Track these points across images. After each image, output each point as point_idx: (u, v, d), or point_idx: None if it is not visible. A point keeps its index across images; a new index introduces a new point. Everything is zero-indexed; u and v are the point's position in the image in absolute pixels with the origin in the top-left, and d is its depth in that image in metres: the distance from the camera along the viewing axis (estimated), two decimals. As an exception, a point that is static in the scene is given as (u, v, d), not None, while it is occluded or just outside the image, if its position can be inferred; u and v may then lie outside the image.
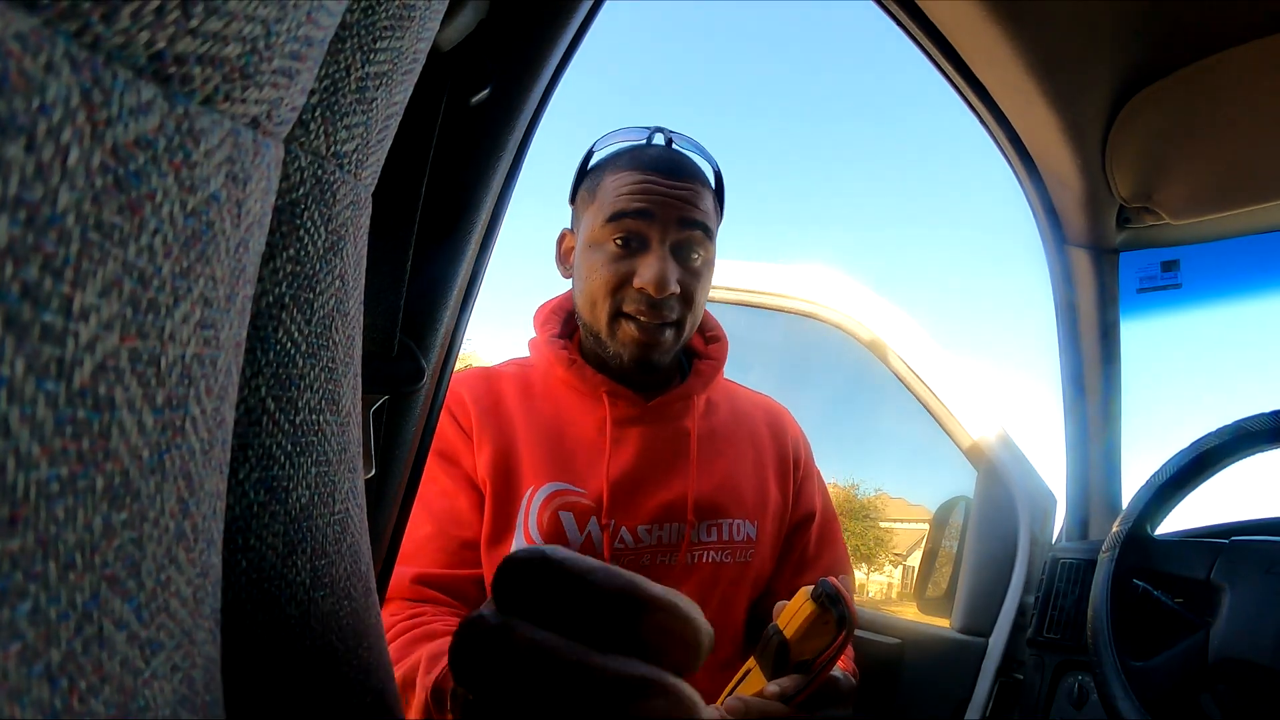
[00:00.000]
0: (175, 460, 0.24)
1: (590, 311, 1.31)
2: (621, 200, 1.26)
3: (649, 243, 1.26)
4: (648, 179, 1.27)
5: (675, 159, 1.32)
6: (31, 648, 0.18)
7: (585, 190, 1.35)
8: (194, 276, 0.23)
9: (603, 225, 1.27)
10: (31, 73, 0.17)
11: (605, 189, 1.29)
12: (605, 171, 1.32)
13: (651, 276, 1.23)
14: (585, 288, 1.31)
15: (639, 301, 1.26)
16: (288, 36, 0.26)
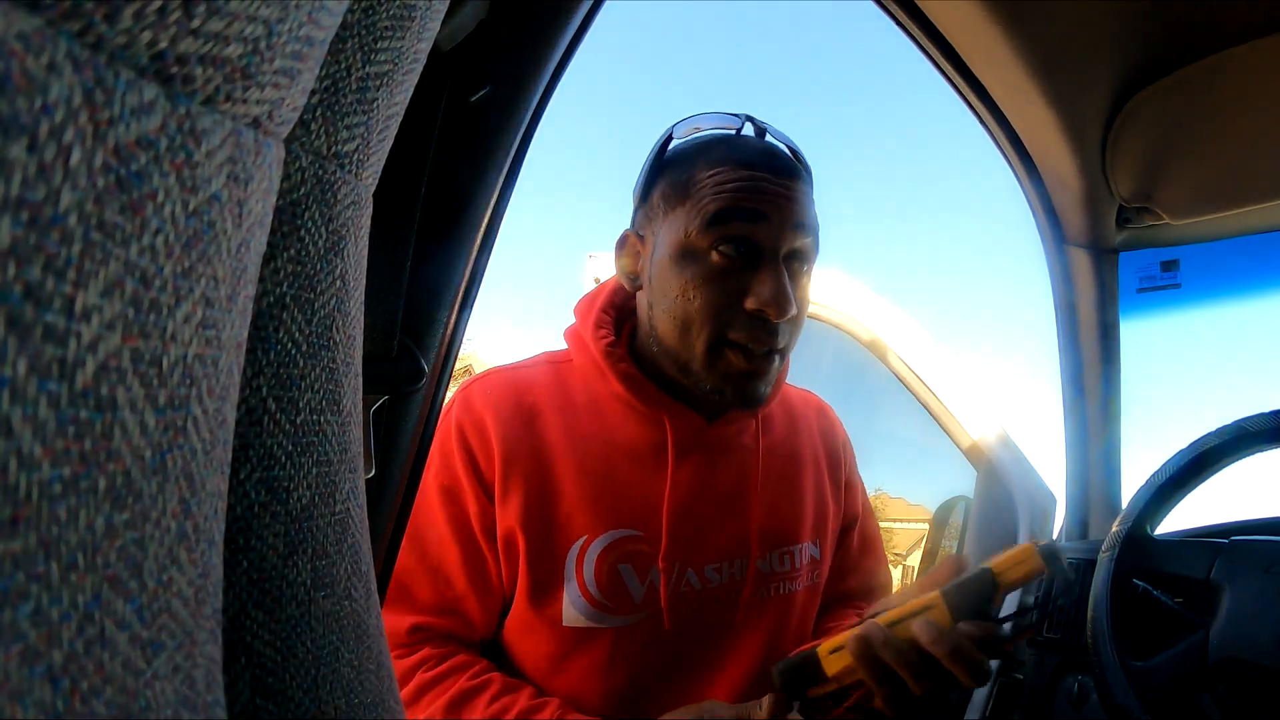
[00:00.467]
0: (177, 460, 0.24)
1: (681, 337, 1.08)
2: (727, 199, 1.04)
3: (761, 253, 1.05)
4: (757, 175, 1.06)
5: (780, 154, 1.11)
6: (33, 648, 0.18)
7: (667, 185, 1.12)
8: (196, 276, 0.23)
9: (702, 229, 1.05)
10: (34, 73, 0.17)
11: (700, 185, 1.07)
12: (695, 165, 1.09)
13: (771, 296, 1.02)
14: (675, 309, 1.07)
15: (750, 327, 1.05)
16: (289, 37, 0.26)
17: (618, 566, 1.10)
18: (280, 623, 0.38)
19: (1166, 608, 1.31)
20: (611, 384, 1.16)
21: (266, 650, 0.38)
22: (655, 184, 1.14)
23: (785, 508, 1.23)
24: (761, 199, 1.05)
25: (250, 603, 0.37)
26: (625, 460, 1.15)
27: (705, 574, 1.14)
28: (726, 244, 1.04)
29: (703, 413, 1.18)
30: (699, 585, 1.14)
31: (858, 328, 2.14)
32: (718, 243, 1.04)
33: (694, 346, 1.07)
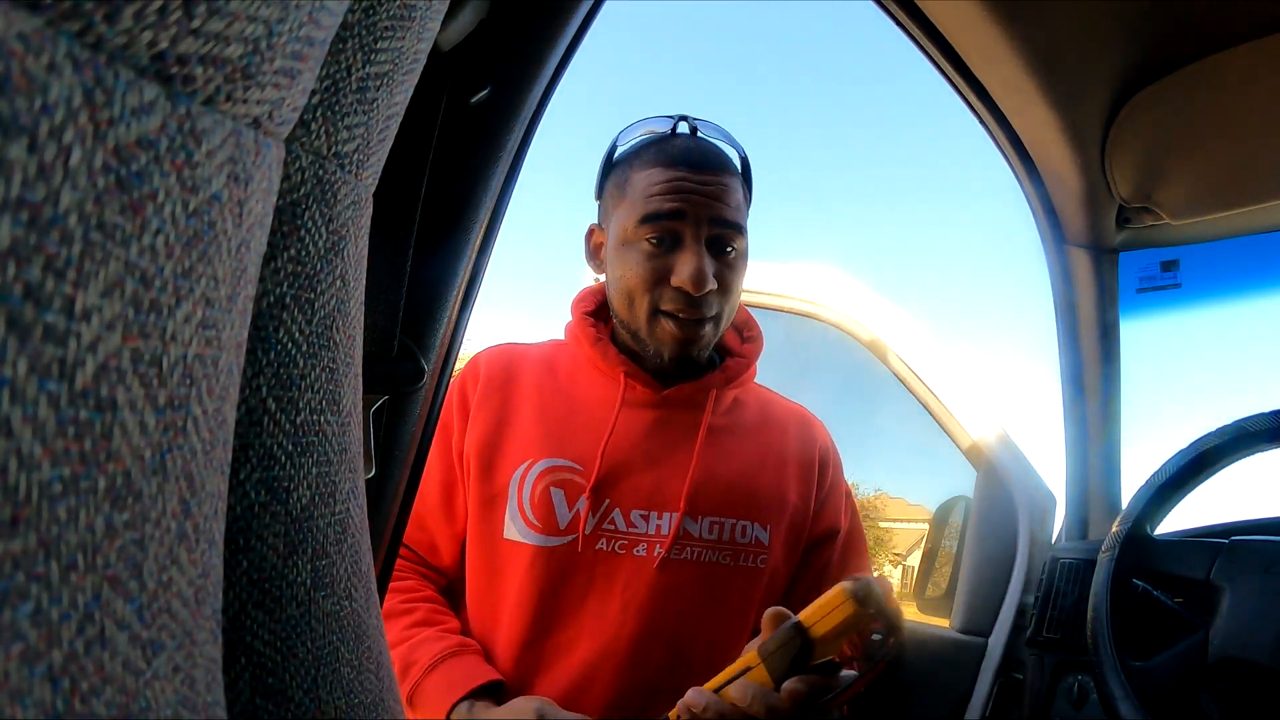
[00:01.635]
0: (177, 461, 0.24)
1: (627, 310, 1.29)
2: (654, 201, 1.24)
3: (683, 240, 1.24)
4: (678, 176, 1.24)
5: (704, 151, 1.29)
6: (34, 649, 0.18)
7: (613, 185, 1.34)
8: (196, 277, 0.23)
9: (635, 225, 1.25)
10: (34, 73, 0.17)
11: (635, 186, 1.27)
12: (632, 166, 1.30)
13: (689, 274, 1.21)
14: (621, 286, 1.29)
15: (677, 300, 1.24)
16: (289, 37, 0.26)
17: (550, 489, 1.26)
18: (280, 623, 0.38)
19: (1166, 608, 1.31)
20: (583, 347, 1.37)
21: (266, 650, 0.38)
22: (605, 184, 1.37)
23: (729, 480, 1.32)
24: (680, 196, 1.23)
25: (250, 603, 0.37)
26: (582, 409, 1.33)
27: (630, 517, 1.27)
28: (653, 235, 1.24)
29: (662, 380, 1.34)
30: (623, 526, 1.26)
31: (857, 327, 2.14)
32: (647, 235, 1.25)
33: (639, 316, 1.28)
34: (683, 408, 1.34)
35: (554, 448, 1.29)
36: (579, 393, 1.36)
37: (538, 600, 1.24)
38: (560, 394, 1.36)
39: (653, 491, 1.28)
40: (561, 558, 1.24)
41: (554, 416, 1.32)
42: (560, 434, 1.30)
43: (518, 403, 1.34)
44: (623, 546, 1.25)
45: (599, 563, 1.24)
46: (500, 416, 1.33)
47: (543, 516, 1.25)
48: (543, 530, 1.25)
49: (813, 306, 2.18)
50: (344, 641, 0.41)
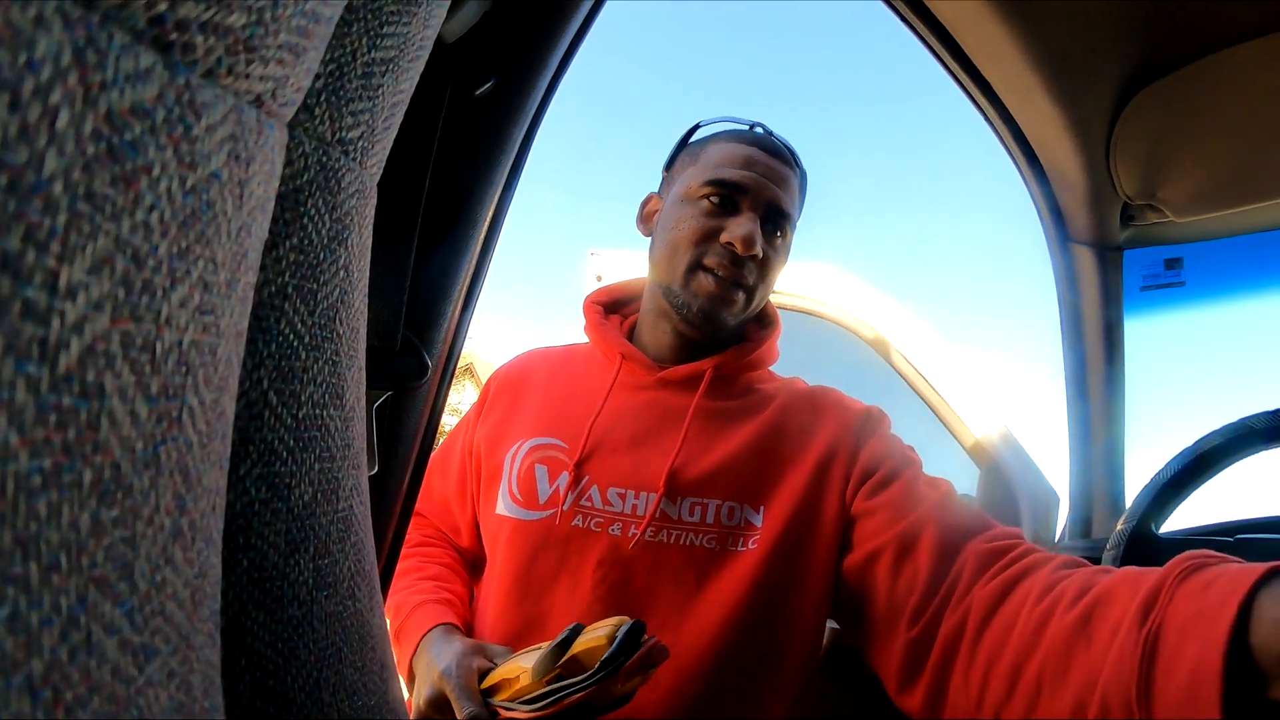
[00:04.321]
0: (171, 454, 0.23)
1: (669, 260, 1.31)
2: (723, 169, 1.29)
3: (740, 208, 1.28)
4: (751, 154, 1.30)
5: (775, 143, 1.34)
6: (10, 657, 0.17)
7: (686, 156, 1.39)
8: (193, 258, 0.22)
9: (700, 185, 1.29)
10: (19, 25, 0.16)
11: (709, 154, 1.33)
12: (709, 141, 1.36)
13: (741, 233, 1.24)
14: (669, 237, 1.32)
15: (721, 256, 1.27)
16: (294, 10, 0.24)
17: (535, 466, 1.30)
18: (282, 624, 0.37)
19: (1172, 607, 1.30)
20: (587, 333, 1.43)
21: (267, 652, 0.37)
22: (678, 156, 1.41)
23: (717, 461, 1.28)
24: (750, 165, 1.29)
25: (251, 603, 0.36)
26: (578, 392, 1.37)
27: (608, 495, 1.27)
28: (716, 195, 1.28)
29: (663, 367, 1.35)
30: (599, 504, 1.27)
31: (861, 325, 2.14)
32: (709, 194, 1.28)
33: (678, 267, 1.29)
34: (678, 390, 1.35)
35: (545, 427, 1.34)
36: (579, 378, 1.40)
37: (516, 572, 1.26)
38: (565, 382, 1.40)
39: (633, 471, 1.28)
40: (537, 532, 1.27)
41: (552, 401, 1.37)
42: (553, 415, 1.35)
43: (527, 394, 1.41)
44: (599, 524, 1.26)
45: (573, 539, 1.26)
46: (510, 408, 1.40)
47: (526, 491, 1.29)
48: (524, 505, 1.28)
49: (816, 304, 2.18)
50: (347, 642, 0.41)
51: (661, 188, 1.44)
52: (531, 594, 1.26)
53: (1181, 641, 0.71)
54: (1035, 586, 0.93)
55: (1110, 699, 0.75)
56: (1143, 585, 0.79)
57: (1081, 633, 0.82)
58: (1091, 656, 0.80)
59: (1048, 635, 0.85)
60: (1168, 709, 0.70)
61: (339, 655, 0.40)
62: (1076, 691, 0.80)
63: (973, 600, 0.99)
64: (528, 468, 1.30)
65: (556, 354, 1.50)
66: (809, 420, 1.33)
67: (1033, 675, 0.86)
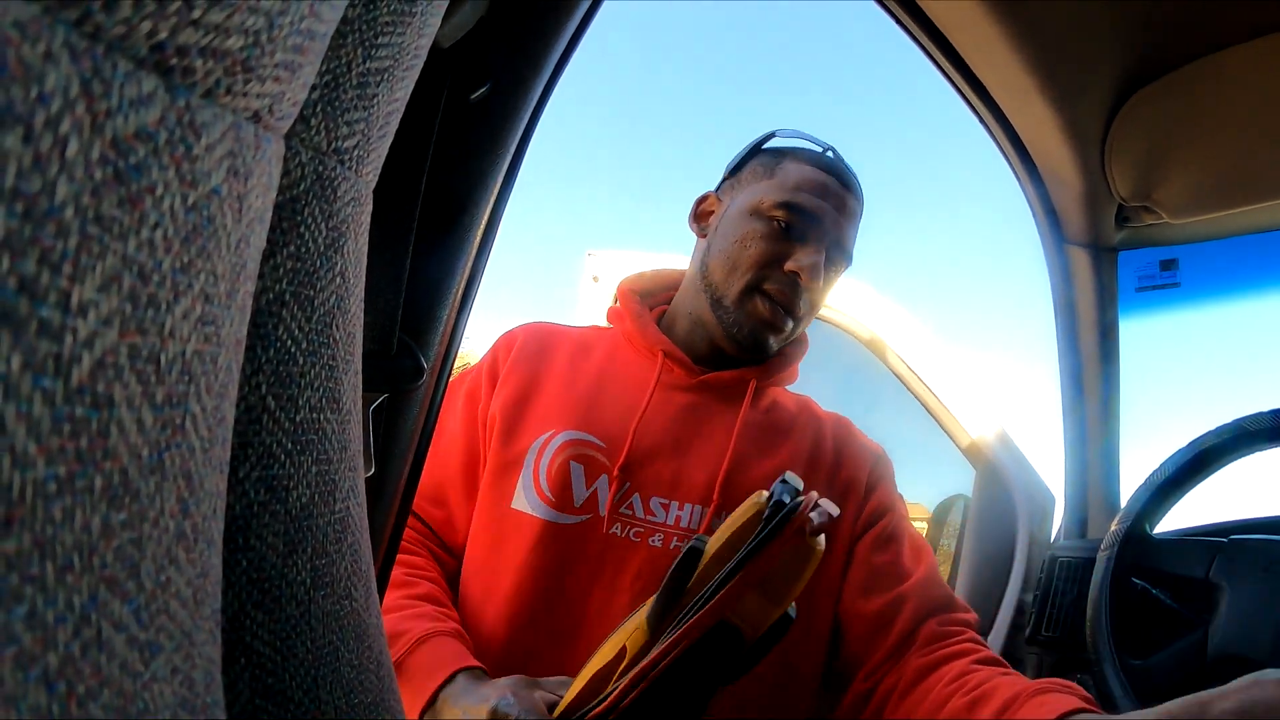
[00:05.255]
0: (175, 459, 0.24)
1: (726, 273, 1.29)
2: (802, 194, 1.27)
3: (809, 237, 1.27)
4: (829, 181, 1.29)
5: (848, 173, 1.33)
6: (28, 652, 0.18)
7: (760, 164, 1.35)
8: (195, 272, 0.23)
9: (776, 203, 1.27)
10: (30, 61, 0.17)
11: (787, 172, 1.30)
12: (787, 157, 1.33)
13: (808, 264, 1.24)
14: (731, 251, 1.29)
15: (782, 283, 1.26)
16: (290, 29, 0.25)
17: (569, 463, 1.22)
18: (280, 623, 0.38)
19: (1165, 606, 1.31)
20: (625, 323, 1.38)
21: (266, 650, 0.37)
22: (749, 162, 1.38)
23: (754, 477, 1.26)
24: (826, 195, 1.28)
25: (249, 602, 0.37)
26: (613, 385, 1.32)
27: (650, 504, 1.22)
28: (790, 218, 1.26)
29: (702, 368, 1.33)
30: (641, 513, 1.21)
31: (857, 326, 2.14)
32: (783, 215, 1.26)
33: (734, 285, 1.28)
34: (719, 396, 1.32)
35: (578, 420, 1.26)
36: (612, 369, 1.35)
37: (542, 578, 1.19)
38: (592, 369, 1.34)
39: (676, 480, 1.23)
40: (573, 537, 1.20)
41: (582, 390, 1.31)
42: (587, 408, 1.28)
43: (548, 373, 1.34)
44: (638, 534, 1.20)
45: (611, 548, 1.20)
46: (528, 384, 1.32)
47: (558, 491, 1.21)
48: (556, 505, 1.21)
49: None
50: (344, 641, 0.41)
51: (722, 189, 1.41)
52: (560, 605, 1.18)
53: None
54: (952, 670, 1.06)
55: None
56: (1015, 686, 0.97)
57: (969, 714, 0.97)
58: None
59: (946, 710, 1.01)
60: None
61: (336, 654, 0.40)
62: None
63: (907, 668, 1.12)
64: (560, 464, 1.22)
65: (573, 334, 1.43)
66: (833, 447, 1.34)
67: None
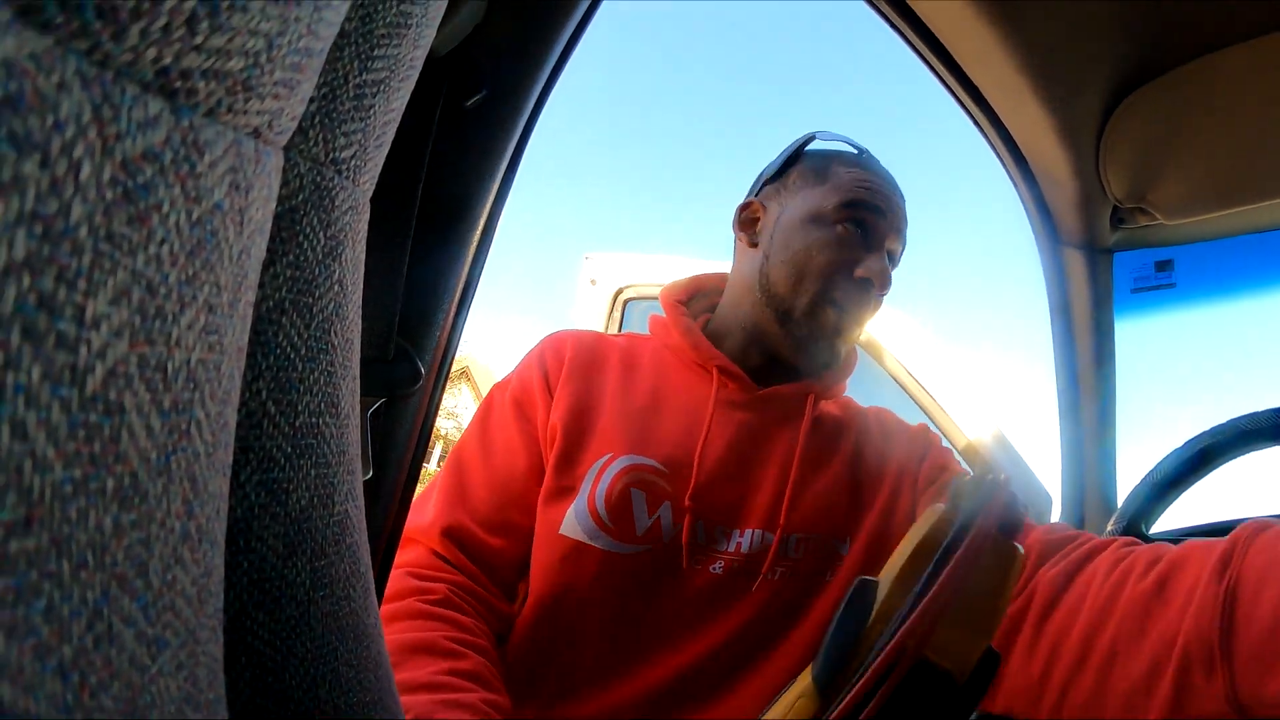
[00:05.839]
0: (181, 463, 0.25)
1: (793, 285, 1.23)
2: (863, 193, 1.23)
3: (873, 240, 1.24)
4: (883, 184, 1.26)
5: (893, 179, 1.30)
6: (45, 644, 0.19)
7: (807, 169, 1.31)
8: (199, 284, 0.24)
9: (837, 207, 1.23)
10: (46, 91, 0.18)
11: (839, 176, 1.26)
12: (834, 161, 1.30)
13: (880, 270, 1.21)
14: (797, 260, 1.23)
15: (853, 292, 1.22)
16: (288, 49, 0.26)
17: (630, 490, 1.13)
18: (280, 623, 0.39)
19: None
20: (672, 335, 1.30)
21: (266, 650, 0.38)
22: (793, 167, 1.33)
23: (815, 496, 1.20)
24: (886, 201, 1.24)
25: (250, 603, 0.37)
26: (670, 403, 1.24)
27: (714, 532, 1.15)
28: (853, 224, 1.22)
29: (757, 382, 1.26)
30: (704, 541, 1.14)
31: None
32: (846, 220, 1.22)
33: (803, 295, 1.22)
34: (777, 412, 1.26)
35: (636, 444, 1.17)
36: (665, 386, 1.27)
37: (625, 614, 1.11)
38: (645, 386, 1.27)
39: (738, 505, 1.17)
40: (637, 569, 1.12)
41: (639, 410, 1.22)
42: (643, 430, 1.20)
43: (601, 389, 1.25)
44: (700, 562, 1.13)
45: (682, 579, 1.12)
46: (585, 401, 1.23)
47: (618, 519, 1.12)
48: (616, 534, 1.12)
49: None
50: (343, 641, 0.42)
51: (764, 194, 1.35)
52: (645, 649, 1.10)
53: (1259, 589, 0.71)
54: (1102, 565, 0.91)
55: (1191, 652, 0.74)
56: (1216, 546, 0.78)
57: (1158, 597, 0.81)
58: (1168, 617, 0.78)
59: (1121, 604, 0.83)
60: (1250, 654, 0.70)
61: (335, 653, 0.41)
62: (1152, 653, 0.78)
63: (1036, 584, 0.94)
64: (621, 490, 1.13)
65: (619, 344, 1.34)
66: (881, 445, 1.30)
67: (1105, 644, 0.83)
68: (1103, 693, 0.83)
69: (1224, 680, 0.71)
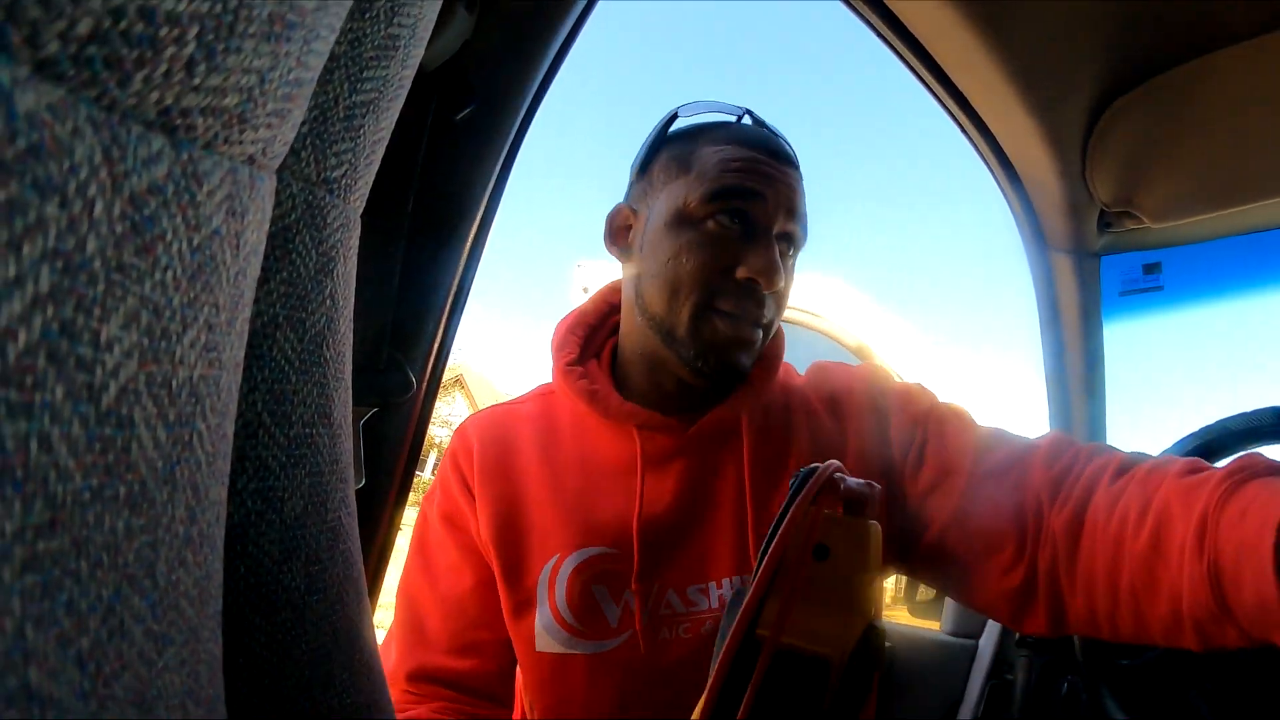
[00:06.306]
0: (184, 472, 0.26)
1: (667, 301, 1.05)
2: (731, 177, 1.03)
3: (756, 228, 1.05)
4: (758, 158, 1.06)
5: (780, 143, 1.11)
6: (66, 634, 0.21)
7: (669, 159, 1.10)
8: (200, 305, 0.26)
9: (702, 201, 1.03)
10: (62, 138, 0.20)
11: (704, 160, 1.06)
12: (699, 141, 1.09)
13: (763, 265, 1.02)
14: (667, 272, 1.05)
15: (739, 295, 1.04)
16: (280, 81, 0.28)
17: (591, 587, 1.04)
18: (276, 626, 0.40)
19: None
20: (576, 404, 1.12)
21: (263, 652, 0.40)
22: (656, 157, 1.13)
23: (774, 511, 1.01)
24: (761, 179, 1.04)
25: (248, 606, 0.39)
26: (600, 477, 1.10)
27: (688, 595, 1.06)
28: (724, 215, 1.03)
29: (682, 418, 1.10)
30: (682, 608, 1.06)
31: (843, 333, 2.15)
32: (716, 213, 1.03)
33: (681, 311, 1.05)
34: (714, 444, 1.11)
35: (580, 535, 1.06)
36: (590, 454, 1.12)
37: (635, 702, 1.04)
38: (568, 459, 1.12)
39: (704, 558, 1.07)
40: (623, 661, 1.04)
41: (570, 492, 1.09)
42: (583, 517, 1.07)
43: (525, 482, 1.10)
44: (688, 630, 1.05)
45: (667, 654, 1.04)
46: (510, 501, 1.09)
47: (588, 620, 1.04)
48: (592, 635, 1.04)
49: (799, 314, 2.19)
50: (336, 645, 0.43)
51: (634, 197, 1.15)
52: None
53: (1238, 573, 0.72)
54: (1100, 509, 0.90)
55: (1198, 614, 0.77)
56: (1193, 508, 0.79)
57: (1155, 552, 0.82)
58: (1170, 573, 0.80)
59: (1125, 556, 0.85)
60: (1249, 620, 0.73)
61: (329, 656, 0.42)
62: (1169, 600, 0.80)
63: (1055, 532, 0.94)
64: (581, 591, 1.04)
65: (529, 414, 1.18)
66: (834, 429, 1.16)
67: (1127, 588, 0.85)
68: (1143, 625, 0.86)
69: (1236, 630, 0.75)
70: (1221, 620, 0.75)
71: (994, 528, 1.00)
